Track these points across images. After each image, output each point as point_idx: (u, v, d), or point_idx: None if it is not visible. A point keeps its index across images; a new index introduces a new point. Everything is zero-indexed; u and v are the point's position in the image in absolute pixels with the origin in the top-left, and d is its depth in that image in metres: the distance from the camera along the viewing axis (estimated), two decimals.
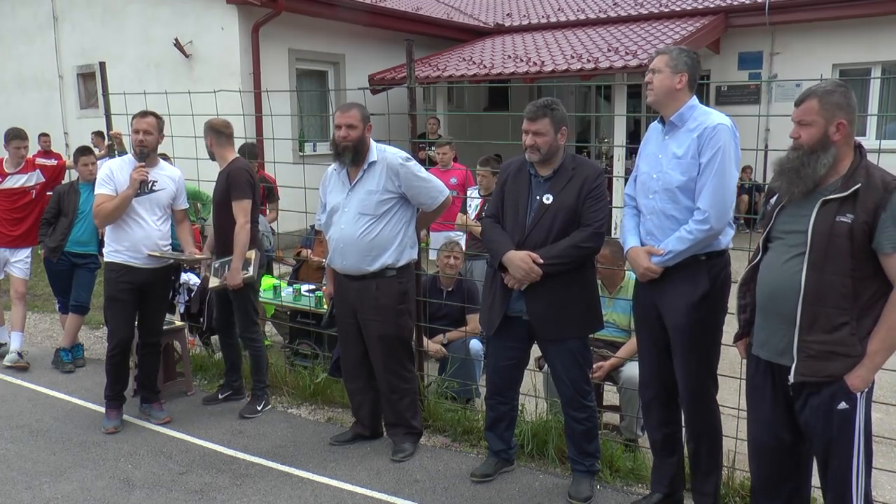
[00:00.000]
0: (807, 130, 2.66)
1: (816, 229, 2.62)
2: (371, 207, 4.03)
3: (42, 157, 8.27)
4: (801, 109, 2.69)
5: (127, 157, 4.72)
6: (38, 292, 8.43)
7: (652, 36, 11.66)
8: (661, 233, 3.27)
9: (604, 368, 4.32)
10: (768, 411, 2.85)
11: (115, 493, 3.92)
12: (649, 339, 3.45)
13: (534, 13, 15.44)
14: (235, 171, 4.73)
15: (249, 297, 4.92)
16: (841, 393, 2.63)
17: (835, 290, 2.60)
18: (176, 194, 4.79)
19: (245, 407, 4.95)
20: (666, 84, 3.24)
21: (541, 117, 3.51)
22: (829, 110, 2.63)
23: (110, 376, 4.70)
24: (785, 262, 2.71)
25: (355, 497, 3.84)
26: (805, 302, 2.63)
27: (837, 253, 2.59)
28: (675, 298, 3.25)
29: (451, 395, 4.85)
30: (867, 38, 11.46)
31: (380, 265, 4.06)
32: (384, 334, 4.13)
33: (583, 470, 3.77)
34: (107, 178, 4.57)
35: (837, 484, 2.69)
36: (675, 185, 3.21)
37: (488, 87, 13.90)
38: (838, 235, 2.58)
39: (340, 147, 4.04)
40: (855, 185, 2.59)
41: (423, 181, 4.11)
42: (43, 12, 12.76)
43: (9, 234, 6.04)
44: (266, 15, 10.42)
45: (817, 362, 2.63)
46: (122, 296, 4.60)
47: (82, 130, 11.74)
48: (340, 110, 4.10)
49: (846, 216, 2.58)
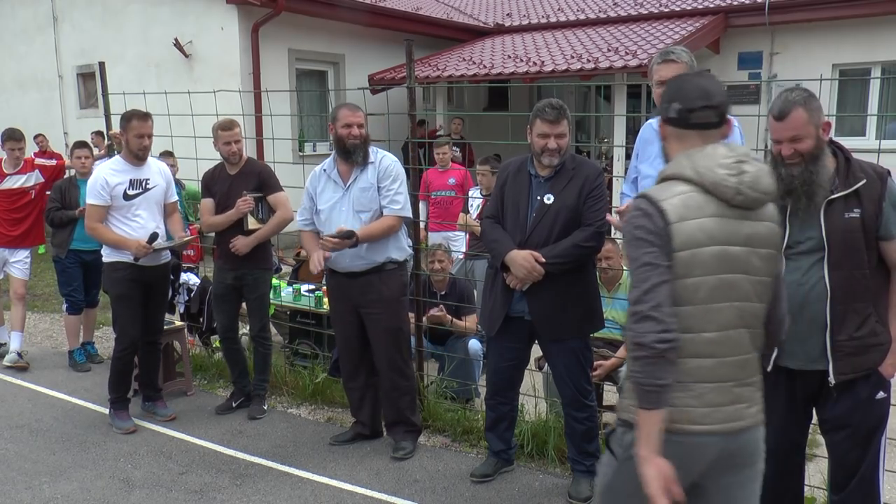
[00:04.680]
0: (804, 143, 2.60)
1: (829, 229, 2.64)
2: (366, 203, 4.09)
3: (42, 157, 8.27)
4: (790, 125, 2.59)
5: (117, 161, 4.66)
6: (37, 292, 8.44)
7: (652, 36, 11.65)
8: None
9: (604, 367, 4.32)
10: (781, 416, 2.83)
11: (115, 493, 3.92)
12: None
13: (534, 13, 15.43)
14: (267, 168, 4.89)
15: (268, 297, 4.96)
16: (879, 382, 2.69)
17: (858, 284, 2.64)
18: (167, 188, 4.80)
19: (252, 408, 4.92)
20: None
21: (561, 119, 3.52)
22: (816, 116, 2.63)
23: (118, 377, 4.69)
24: (807, 271, 2.69)
25: (355, 497, 3.84)
26: (833, 302, 2.65)
27: (854, 248, 2.63)
28: None
29: (451, 395, 4.85)
30: (867, 38, 11.45)
31: (382, 258, 4.11)
32: (390, 326, 4.17)
33: (583, 470, 3.77)
34: (102, 190, 4.51)
35: (864, 479, 2.73)
36: None
37: (488, 87, 13.89)
38: (852, 231, 2.62)
39: (351, 145, 4.06)
40: (857, 181, 2.63)
41: (396, 185, 4.11)
42: (43, 12, 12.76)
43: (8, 235, 6.04)
44: (266, 15, 10.42)
45: (855, 358, 2.67)
46: (131, 293, 4.61)
47: (82, 130, 11.72)
48: (349, 109, 4.12)
49: (854, 211, 2.62)
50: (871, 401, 2.69)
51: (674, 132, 2.15)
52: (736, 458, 2.08)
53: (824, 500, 3.47)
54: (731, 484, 2.09)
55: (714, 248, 2.00)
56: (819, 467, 3.08)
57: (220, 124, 4.75)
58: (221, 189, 4.79)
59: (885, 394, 2.71)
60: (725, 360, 2.03)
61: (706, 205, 2.02)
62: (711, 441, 2.02)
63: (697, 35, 11.17)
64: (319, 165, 4.31)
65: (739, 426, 2.04)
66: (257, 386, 4.98)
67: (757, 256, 2.06)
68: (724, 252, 2.01)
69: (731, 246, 2.02)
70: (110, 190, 4.51)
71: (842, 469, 2.80)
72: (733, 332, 2.04)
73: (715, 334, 2.01)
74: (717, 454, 2.04)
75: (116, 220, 4.58)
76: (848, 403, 2.71)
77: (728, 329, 2.03)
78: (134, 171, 4.62)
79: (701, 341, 2.01)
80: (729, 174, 2.01)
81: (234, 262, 4.76)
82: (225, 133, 4.72)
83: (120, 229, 4.57)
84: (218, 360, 5.86)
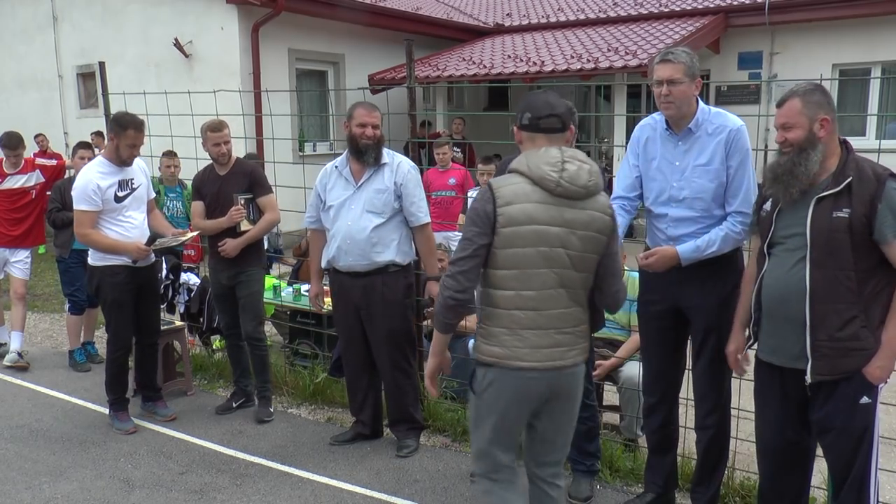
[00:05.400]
0: (793, 132, 2.67)
1: (815, 227, 2.63)
2: (379, 206, 4.07)
3: (42, 157, 8.26)
4: (784, 112, 2.69)
5: (103, 163, 4.52)
6: (38, 292, 8.44)
7: (652, 36, 11.65)
8: (689, 238, 3.21)
9: (604, 367, 4.32)
10: (776, 413, 2.86)
11: (115, 493, 3.92)
12: (658, 339, 3.42)
13: (534, 13, 15.43)
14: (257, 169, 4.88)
15: (261, 295, 4.94)
16: (862, 387, 2.65)
17: (840, 285, 2.61)
18: (148, 185, 4.77)
19: (260, 411, 4.86)
20: (687, 95, 3.15)
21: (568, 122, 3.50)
22: (812, 108, 2.64)
23: (114, 378, 4.69)
24: (791, 267, 2.70)
25: (355, 497, 3.84)
26: (812, 301, 2.63)
27: (838, 248, 2.60)
28: (706, 298, 3.21)
29: (451, 395, 4.85)
30: (867, 38, 11.45)
31: (385, 260, 4.10)
32: (392, 328, 4.17)
33: (583, 470, 3.77)
34: (94, 195, 4.40)
35: (855, 480, 2.70)
36: (707, 194, 3.17)
37: (488, 87, 13.89)
38: (837, 231, 2.59)
39: (363, 145, 4.04)
40: (846, 179, 2.61)
41: (419, 192, 4.19)
42: (43, 12, 12.75)
43: (8, 235, 6.04)
44: (266, 15, 10.42)
45: (832, 360, 2.64)
46: (126, 297, 4.59)
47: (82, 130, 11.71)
48: (365, 109, 4.09)
49: (843, 211, 2.60)
50: (854, 405, 2.65)
51: (527, 136, 2.70)
52: (560, 390, 2.66)
53: (824, 501, 3.47)
54: (555, 409, 2.70)
55: (533, 226, 2.53)
56: (819, 467, 3.08)
57: (208, 125, 4.72)
58: (211, 190, 4.78)
59: (868, 399, 2.66)
60: (545, 312, 2.58)
61: (532, 193, 2.54)
62: (538, 375, 2.59)
63: (697, 35, 11.18)
64: (331, 162, 4.30)
65: (560, 364, 2.62)
66: (261, 388, 4.92)
67: (575, 236, 2.57)
68: (544, 230, 2.53)
69: (551, 226, 2.54)
70: (102, 194, 4.43)
71: (833, 471, 2.80)
72: (553, 291, 2.58)
73: (536, 292, 2.57)
74: (546, 386, 2.62)
75: (108, 224, 4.50)
76: (830, 406, 2.69)
77: (547, 289, 2.57)
78: (120, 172, 4.53)
79: (524, 297, 2.57)
80: (552, 171, 2.53)
81: (227, 263, 4.75)
82: (214, 134, 4.68)
83: (113, 232, 4.50)
84: (218, 360, 5.86)
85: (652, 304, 3.42)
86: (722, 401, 3.36)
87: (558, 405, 2.69)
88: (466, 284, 2.56)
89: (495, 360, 2.60)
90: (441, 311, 2.65)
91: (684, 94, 3.14)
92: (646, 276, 3.41)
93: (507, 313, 2.59)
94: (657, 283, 3.33)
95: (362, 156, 4.08)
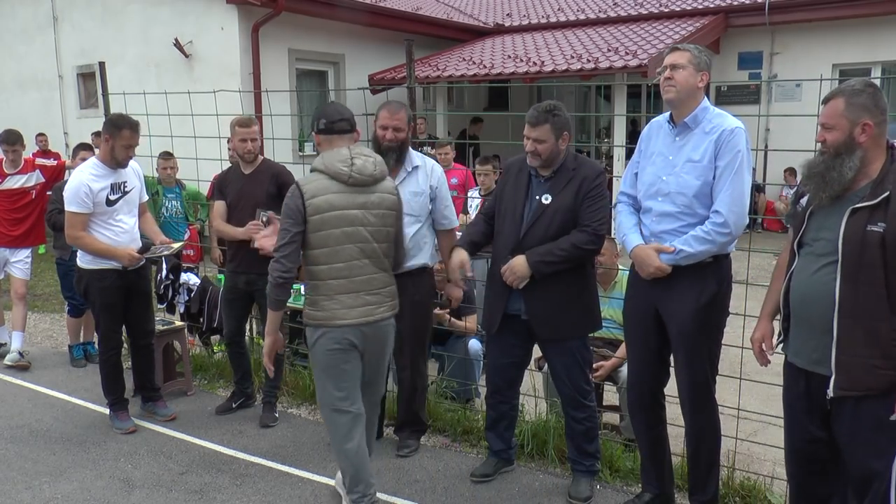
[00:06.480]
0: (831, 133, 2.57)
1: (847, 239, 2.53)
2: (417, 209, 4.05)
3: (42, 157, 8.26)
4: (826, 111, 2.59)
5: (96, 165, 4.50)
6: (38, 292, 8.44)
7: (652, 36, 11.65)
8: (669, 236, 3.21)
9: (605, 368, 4.32)
10: (802, 416, 2.79)
11: (115, 493, 3.92)
12: (641, 341, 3.40)
13: (534, 13, 15.44)
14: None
15: None
16: (889, 405, 2.53)
17: (871, 301, 2.51)
18: (141, 188, 4.74)
19: (265, 416, 4.80)
20: (690, 82, 3.15)
21: (542, 123, 3.47)
22: (855, 111, 2.54)
23: (110, 379, 4.68)
24: (815, 272, 2.63)
25: None
26: (841, 315, 2.55)
27: (870, 263, 2.50)
28: (682, 304, 3.19)
29: (451, 395, 4.85)
30: (867, 38, 11.46)
31: (420, 263, 4.08)
32: (417, 329, 4.15)
33: (583, 470, 3.77)
34: (86, 198, 4.38)
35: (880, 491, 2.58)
36: (690, 190, 3.15)
37: (488, 87, 13.90)
38: (870, 245, 2.49)
39: (384, 147, 3.99)
40: (884, 192, 2.50)
41: (450, 196, 4.27)
42: (43, 12, 12.75)
43: (9, 234, 6.04)
44: (266, 15, 10.42)
45: (858, 376, 2.55)
46: (115, 300, 4.57)
47: (82, 130, 11.71)
48: (388, 111, 4.02)
49: (877, 225, 2.48)
50: (882, 423, 2.53)
51: (325, 138, 3.34)
52: (373, 338, 3.36)
53: None
54: (372, 352, 3.40)
55: (335, 212, 3.20)
56: None
57: (237, 120, 4.69)
58: (234, 188, 4.71)
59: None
60: (354, 279, 3.27)
61: (331, 186, 3.21)
62: (354, 330, 3.28)
63: (697, 35, 11.18)
64: None
65: (372, 319, 3.32)
66: (268, 393, 4.87)
67: (371, 215, 3.28)
68: (344, 214, 3.22)
69: (350, 210, 3.22)
70: (94, 197, 4.40)
71: (854, 481, 2.70)
72: (357, 261, 3.27)
73: (344, 264, 3.25)
74: (362, 336, 3.30)
75: (99, 227, 4.47)
76: (856, 421, 2.59)
77: (353, 260, 3.26)
78: (113, 175, 4.50)
79: (335, 269, 3.24)
80: (343, 166, 3.22)
81: (246, 266, 4.67)
82: (242, 129, 4.65)
83: (103, 235, 4.47)
84: (218, 361, 5.86)
85: (634, 305, 3.43)
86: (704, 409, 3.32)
87: (373, 349, 3.38)
88: (289, 265, 3.20)
89: (319, 322, 3.28)
90: (272, 290, 3.24)
91: (686, 81, 3.15)
92: (632, 276, 3.43)
93: (324, 283, 3.25)
94: (640, 284, 3.34)
95: (384, 157, 4.05)
